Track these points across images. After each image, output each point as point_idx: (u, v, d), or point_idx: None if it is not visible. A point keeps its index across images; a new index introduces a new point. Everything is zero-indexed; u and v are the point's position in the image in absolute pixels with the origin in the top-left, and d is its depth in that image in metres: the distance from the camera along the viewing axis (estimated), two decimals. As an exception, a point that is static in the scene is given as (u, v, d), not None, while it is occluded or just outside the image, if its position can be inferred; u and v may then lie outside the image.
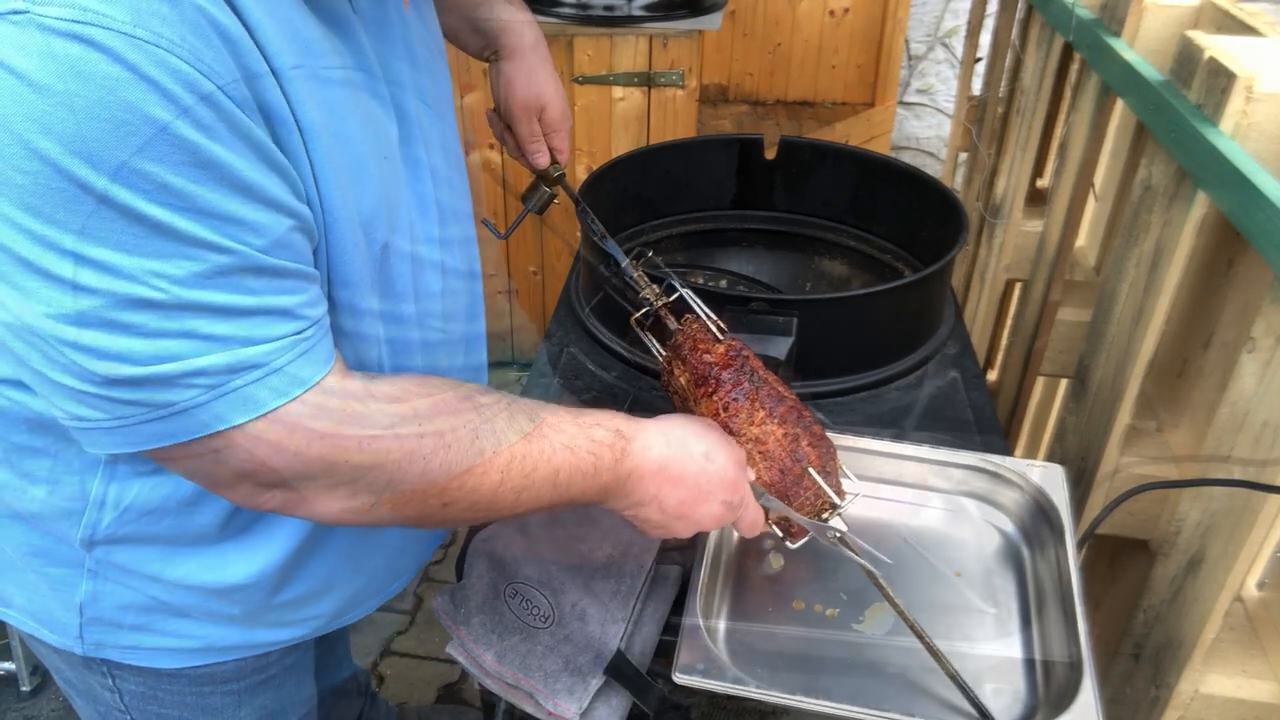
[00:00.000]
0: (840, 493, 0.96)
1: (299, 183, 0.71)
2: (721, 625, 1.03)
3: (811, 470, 0.94)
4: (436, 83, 0.93)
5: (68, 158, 0.57)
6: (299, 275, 0.70)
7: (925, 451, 1.17)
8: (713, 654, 0.94)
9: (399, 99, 0.85)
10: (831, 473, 0.97)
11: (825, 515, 0.95)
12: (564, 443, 0.81)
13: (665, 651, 1.05)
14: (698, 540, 1.05)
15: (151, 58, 0.57)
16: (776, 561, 1.08)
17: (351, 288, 0.79)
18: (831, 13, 3.42)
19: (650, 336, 1.07)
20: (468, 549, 1.08)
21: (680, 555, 1.11)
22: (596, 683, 0.98)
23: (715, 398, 0.95)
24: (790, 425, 0.95)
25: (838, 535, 0.93)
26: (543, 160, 1.25)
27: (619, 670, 0.99)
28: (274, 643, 0.99)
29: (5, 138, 0.57)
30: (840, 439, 1.16)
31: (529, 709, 1.01)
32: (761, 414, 0.94)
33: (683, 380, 0.99)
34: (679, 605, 1.03)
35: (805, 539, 0.98)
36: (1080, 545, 1.19)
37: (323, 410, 0.69)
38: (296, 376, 0.68)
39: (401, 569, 1.08)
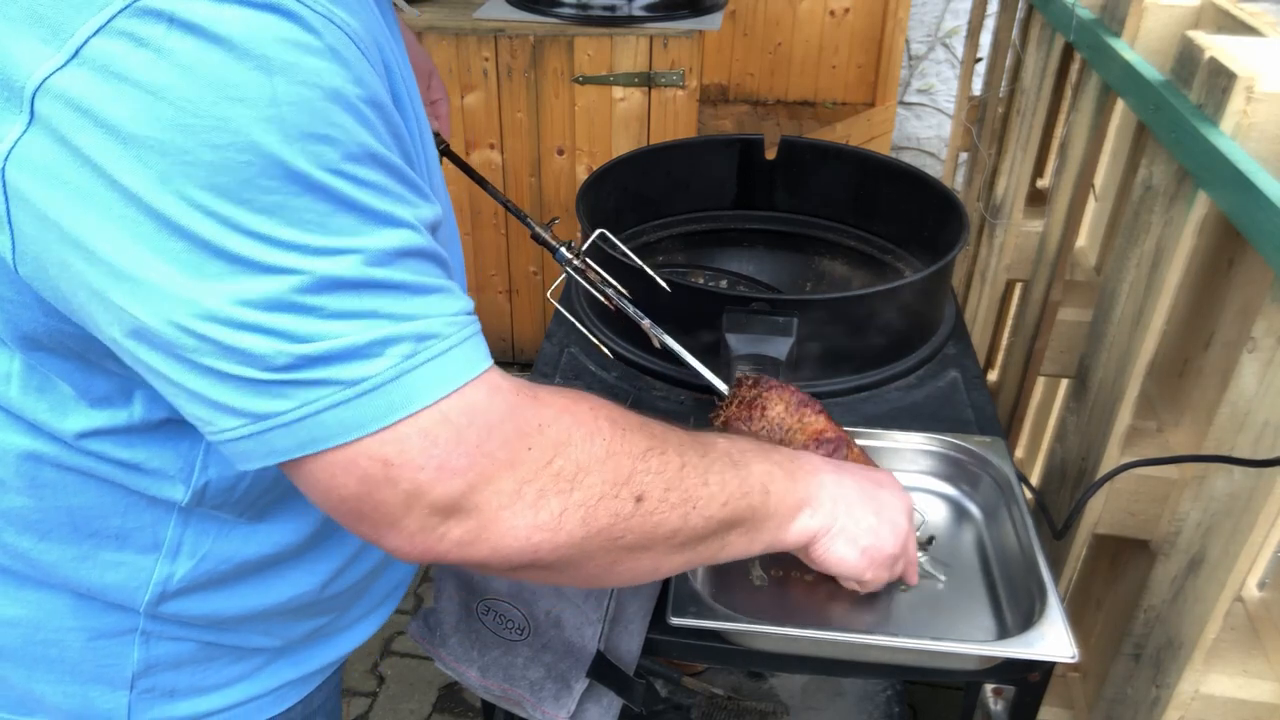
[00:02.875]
0: None
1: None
2: (705, 590, 1.05)
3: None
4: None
5: (261, 131, 0.55)
6: (448, 263, 0.68)
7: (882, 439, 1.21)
8: (703, 599, 0.98)
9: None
10: None
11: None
12: (714, 433, 0.80)
13: (655, 649, 1.05)
14: None
15: (341, 39, 0.58)
16: (760, 580, 1.08)
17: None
18: (832, 13, 3.42)
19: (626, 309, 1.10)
20: (434, 571, 1.08)
21: None
22: (580, 686, 0.99)
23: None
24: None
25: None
26: (434, 124, 1.27)
27: (601, 671, 0.99)
28: (323, 666, 0.95)
29: (196, 106, 0.54)
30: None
31: (523, 714, 1.01)
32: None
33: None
34: (663, 602, 1.03)
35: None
36: (1065, 530, 1.21)
37: (498, 393, 0.64)
38: (473, 356, 0.64)
39: None
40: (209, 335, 0.58)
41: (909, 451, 1.19)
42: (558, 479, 0.65)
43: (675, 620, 0.95)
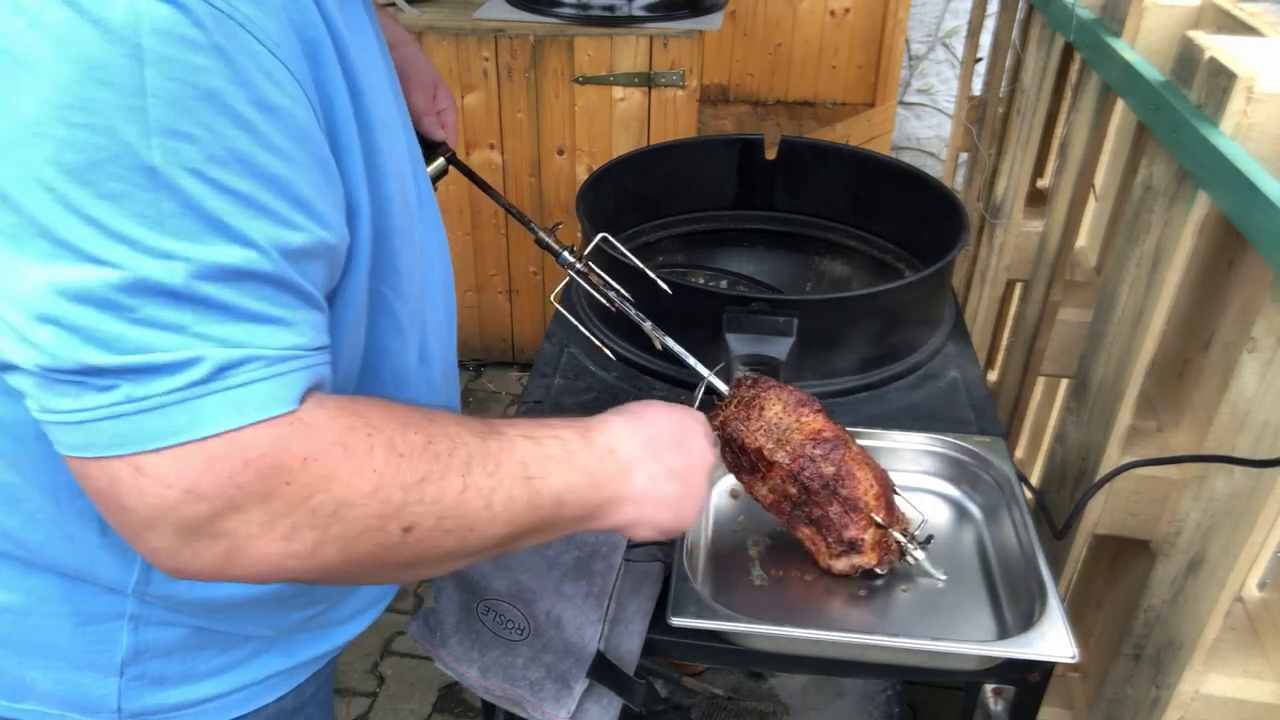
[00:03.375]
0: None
1: (343, 189, 0.68)
2: (706, 590, 1.05)
3: (899, 498, 1.05)
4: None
5: (122, 118, 0.54)
6: (308, 298, 0.65)
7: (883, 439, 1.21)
8: (703, 599, 0.98)
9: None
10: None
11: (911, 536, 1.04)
12: (522, 433, 0.76)
13: (655, 649, 1.05)
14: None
15: (235, 37, 0.56)
16: (759, 579, 1.08)
17: (395, 254, 0.77)
18: (832, 13, 3.42)
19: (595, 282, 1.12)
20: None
21: (661, 552, 1.11)
22: (581, 686, 0.99)
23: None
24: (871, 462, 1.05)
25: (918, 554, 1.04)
26: (440, 133, 1.29)
27: (601, 671, 1.00)
28: (315, 657, 0.95)
29: (59, 82, 0.53)
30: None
31: (523, 714, 1.01)
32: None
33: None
34: (663, 602, 1.03)
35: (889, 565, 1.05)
36: (1065, 530, 1.21)
37: (275, 427, 0.62)
38: (278, 396, 0.61)
39: None
40: (9, 319, 0.57)
41: (909, 452, 1.19)
42: (314, 514, 0.63)
43: (675, 620, 0.96)
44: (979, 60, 2.45)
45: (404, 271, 0.82)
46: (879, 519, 1.00)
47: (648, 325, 1.10)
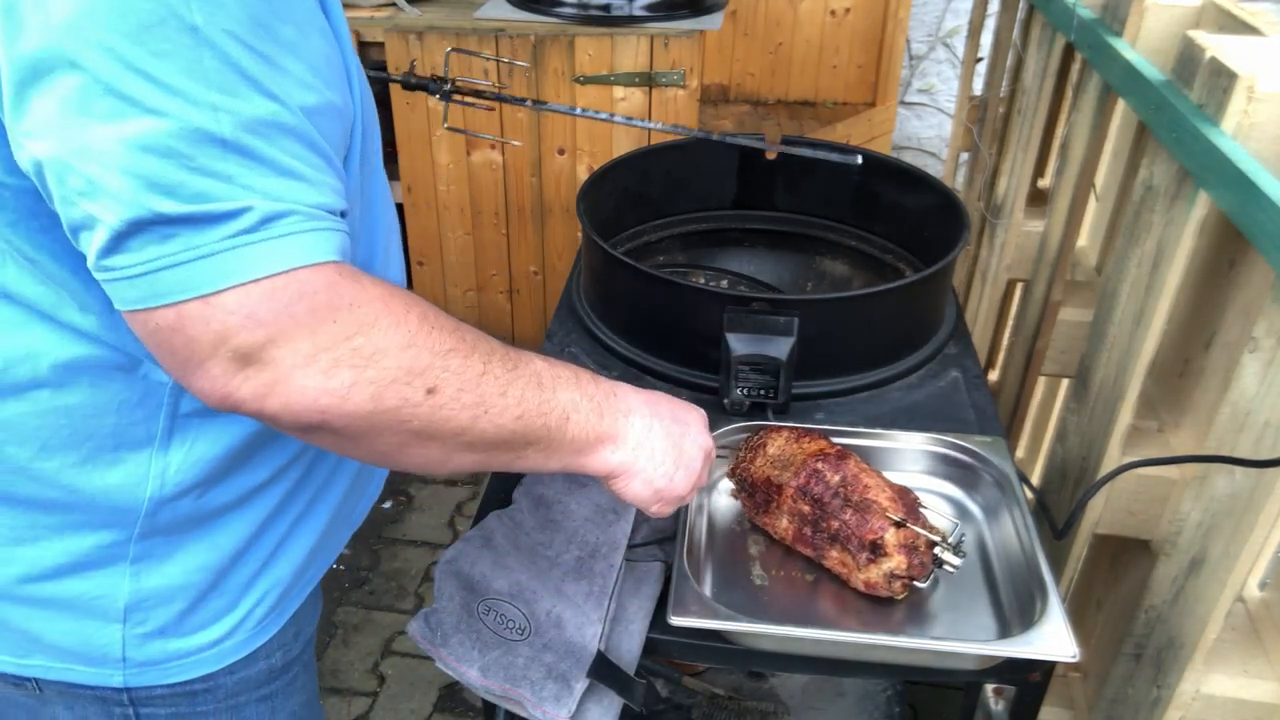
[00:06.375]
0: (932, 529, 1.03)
1: (348, 63, 0.75)
2: (706, 590, 1.06)
3: (924, 510, 1.05)
4: None
5: None
6: (329, 159, 0.71)
7: (883, 438, 1.21)
8: (704, 598, 0.99)
9: None
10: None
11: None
12: (538, 356, 0.83)
13: (656, 649, 1.05)
14: (677, 532, 1.07)
15: None
16: (760, 578, 1.08)
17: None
18: (833, 12, 3.42)
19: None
20: (434, 571, 1.09)
21: (662, 552, 1.11)
22: (581, 686, 0.99)
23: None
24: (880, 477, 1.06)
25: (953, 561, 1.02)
26: None
27: (601, 671, 1.00)
28: (299, 576, 0.98)
29: None
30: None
31: (524, 714, 1.01)
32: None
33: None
34: (664, 602, 1.03)
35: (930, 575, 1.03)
36: (1065, 530, 1.21)
37: (321, 272, 0.68)
38: (312, 249, 0.67)
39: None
40: (89, 175, 0.63)
41: (910, 451, 1.19)
42: (354, 354, 0.68)
43: (676, 620, 0.96)
44: (980, 60, 2.45)
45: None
46: (896, 517, 1.00)
47: (528, 103, 1.28)
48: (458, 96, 1.23)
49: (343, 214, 0.72)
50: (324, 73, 0.71)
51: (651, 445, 0.90)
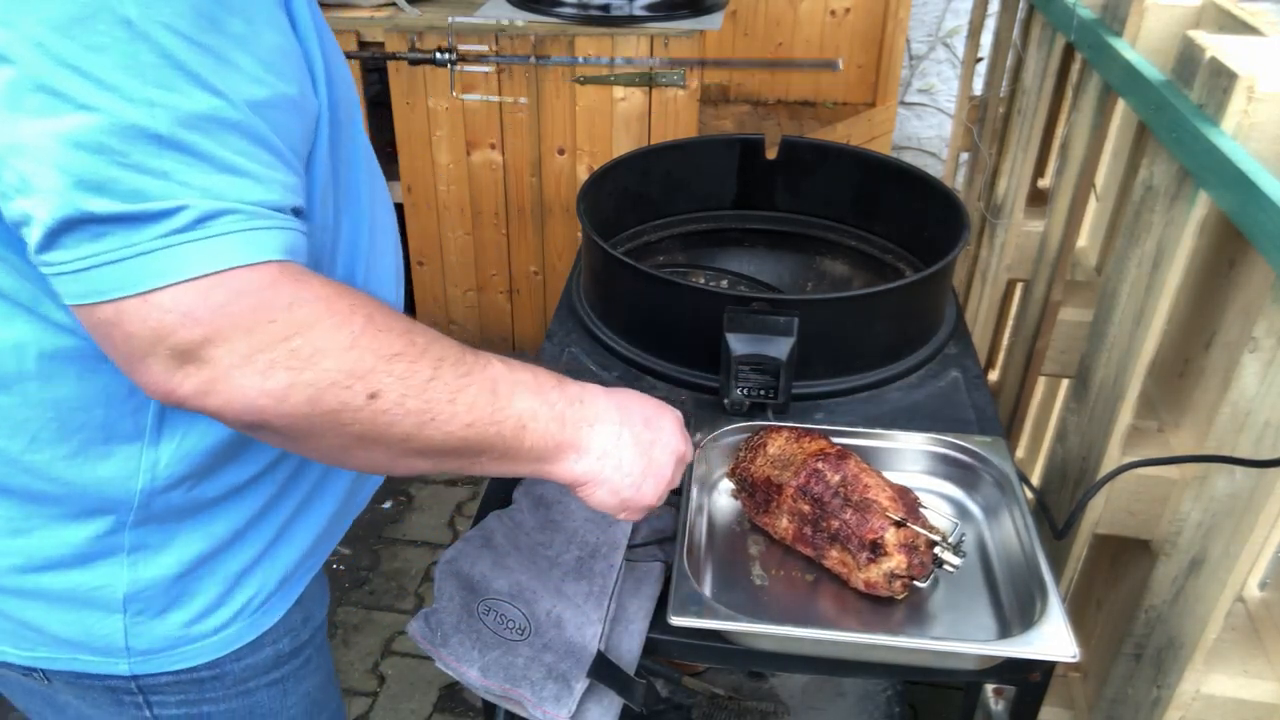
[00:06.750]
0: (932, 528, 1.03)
1: (312, 58, 0.74)
2: (706, 590, 1.06)
3: (924, 510, 1.05)
4: None
5: None
6: (280, 155, 0.69)
7: (883, 438, 1.21)
8: (704, 598, 0.98)
9: None
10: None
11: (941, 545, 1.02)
12: (499, 359, 0.80)
13: (656, 649, 1.05)
14: (677, 532, 1.07)
15: None
16: (760, 578, 1.08)
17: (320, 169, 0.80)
18: (833, 12, 3.42)
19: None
20: (434, 571, 1.09)
21: (662, 552, 1.11)
22: (581, 686, 0.99)
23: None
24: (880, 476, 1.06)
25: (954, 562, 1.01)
26: None
27: (602, 671, 1.00)
28: (301, 563, 0.98)
29: None
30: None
31: (524, 714, 1.01)
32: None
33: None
34: (664, 602, 1.03)
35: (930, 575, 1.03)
36: (1065, 530, 1.21)
37: (262, 271, 0.67)
38: (252, 247, 0.66)
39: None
40: (21, 171, 0.62)
41: (910, 452, 1.19)
42: (292, 355, 0.67)
43: (676, 620, 0.96)
44: (980, 60, 2.45)
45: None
46: (896, 517, 1.00)
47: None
48: (461, 61, 1.22)
49: (296, 211, 0.71)
50: (277, 66, 0.70)
51: (619, 455, 0.88)
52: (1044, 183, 2.03)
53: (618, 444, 0.88)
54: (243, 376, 0.67)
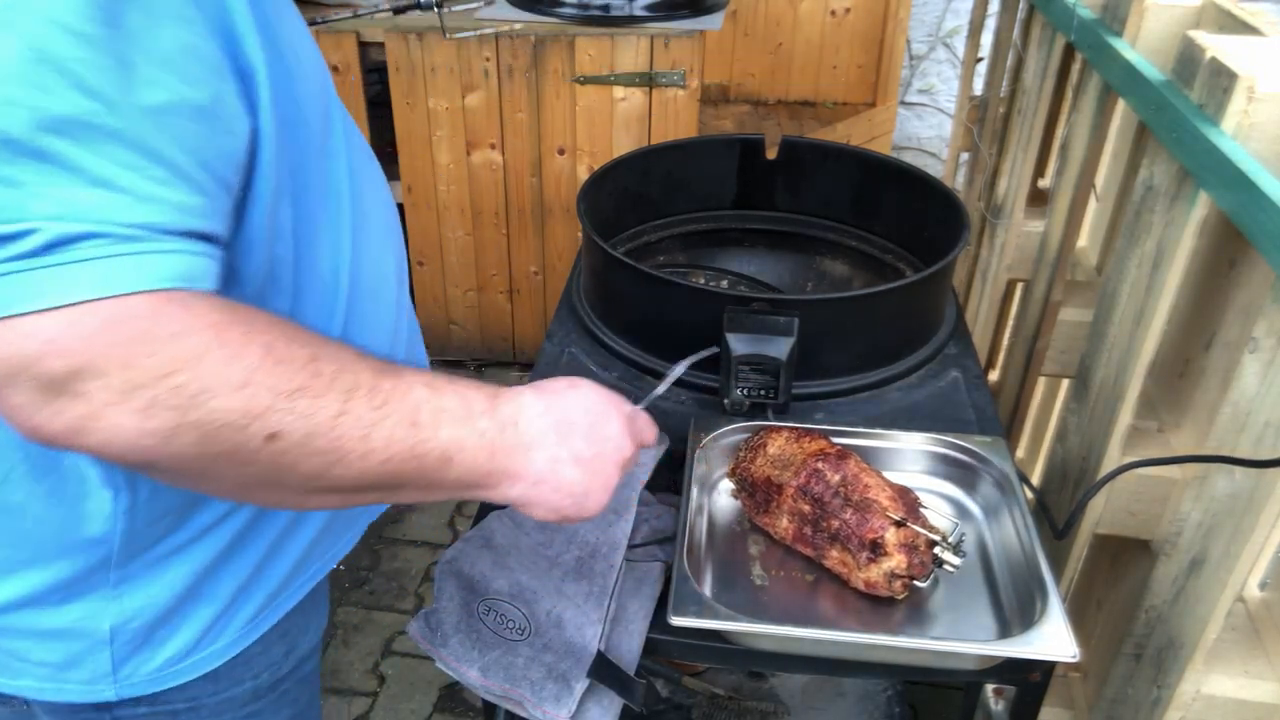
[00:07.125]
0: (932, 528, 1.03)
1: (251, 68, 0.66)
2: (706, 590, 1.06)
3: (924, 510, 1.05)
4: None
5: None
6: (178, 170, 0.61)
7: (883, 438, 1.21)
8: (704, 598, 0.98)
9: None
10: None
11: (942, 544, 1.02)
12: (424, 382, 0.72)
13: (656, 649, 1.05)
14: (677, 532, 1.06)
15: None
16: (760, 578, 1.08)
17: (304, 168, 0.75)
18: (833, 13, 3.42)
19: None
20: (434, 571, 1.08)
21: (662, 552, 1.11)
22: (581, 686, 0.99)
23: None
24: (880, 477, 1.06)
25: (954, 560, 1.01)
26: None
27: (602, 671, 1.00)
28: (293, 576, 0.95)
29: None
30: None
31: (524, 714, 1.01)
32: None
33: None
34: (664, 602, 1.03)
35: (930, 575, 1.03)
36: (1065, 530, 1.21)
37: (142, 299, 0.59)
38: (130, 274, 0.58)
39: None
40: None
41: (910, 451, 1.19)
42: (175, 393, 0.60)
43: (676, 620, 0.96)
44: (980, 60, 2.45)
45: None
46: (896, 516, 1.00)
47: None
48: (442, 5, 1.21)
49: (204, 236, 0.63)
50: (180, 67, 0.61)
51: (557, 477, 0.82)
52: (1044, 183, 2.03)
53: (555, 467, 0.82)
54: (120, 415, 0.59)
